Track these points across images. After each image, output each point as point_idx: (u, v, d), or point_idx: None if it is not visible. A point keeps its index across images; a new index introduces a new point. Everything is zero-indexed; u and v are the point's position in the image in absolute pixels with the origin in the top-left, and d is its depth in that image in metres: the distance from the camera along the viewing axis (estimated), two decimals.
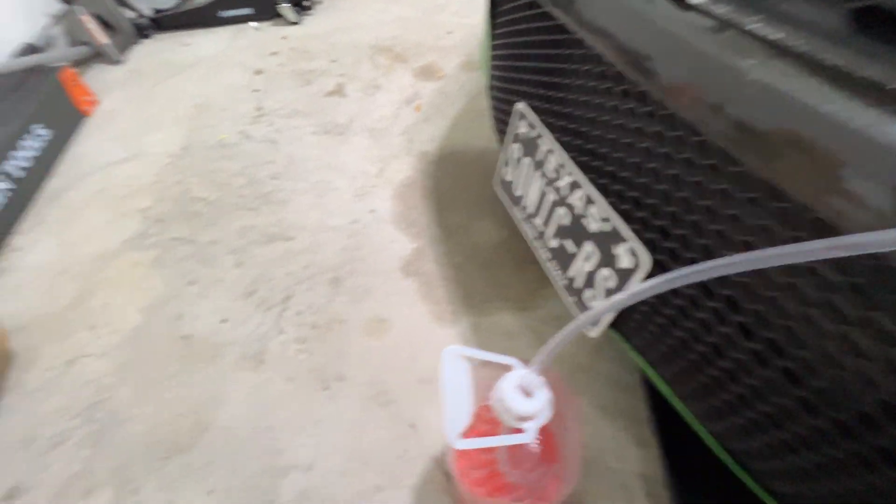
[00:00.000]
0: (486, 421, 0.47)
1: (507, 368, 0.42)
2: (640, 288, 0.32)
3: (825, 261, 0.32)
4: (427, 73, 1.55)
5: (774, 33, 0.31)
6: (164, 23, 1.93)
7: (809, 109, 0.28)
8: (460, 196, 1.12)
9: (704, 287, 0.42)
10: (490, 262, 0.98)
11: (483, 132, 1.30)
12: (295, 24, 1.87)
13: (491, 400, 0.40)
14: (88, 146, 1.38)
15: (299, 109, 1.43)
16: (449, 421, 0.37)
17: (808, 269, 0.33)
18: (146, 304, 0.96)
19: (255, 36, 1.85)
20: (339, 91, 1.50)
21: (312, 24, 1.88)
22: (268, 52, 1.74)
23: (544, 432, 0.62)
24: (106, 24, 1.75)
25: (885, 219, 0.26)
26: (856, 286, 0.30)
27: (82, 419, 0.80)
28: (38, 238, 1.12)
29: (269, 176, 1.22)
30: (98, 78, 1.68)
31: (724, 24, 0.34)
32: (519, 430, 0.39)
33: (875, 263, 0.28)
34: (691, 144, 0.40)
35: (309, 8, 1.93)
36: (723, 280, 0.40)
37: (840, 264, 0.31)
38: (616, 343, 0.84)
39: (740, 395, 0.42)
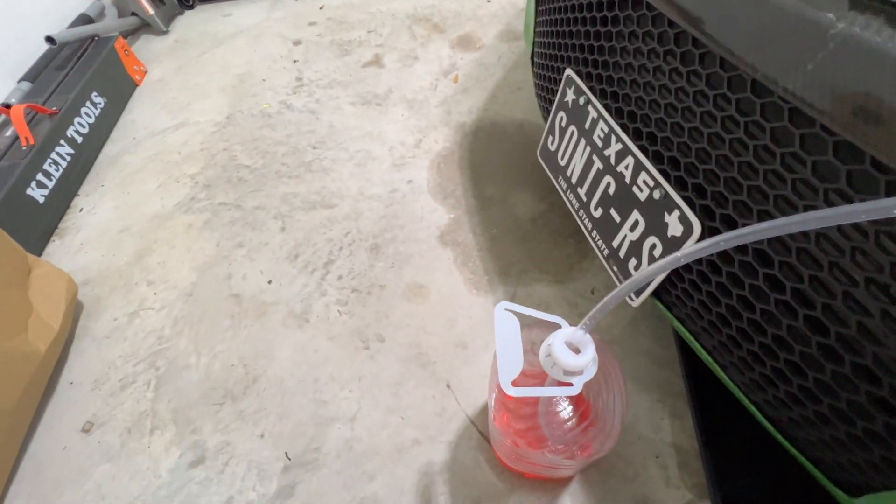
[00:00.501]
0: (530, 376, 0.49)
1: (554, 327, 0.43)
2: (697, 247, 0.32)
3: (886, 231, 0.31)
4: (465, 43, 1.53)
5: None
6: None
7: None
8: (498, 168, 1.12)
9: (761, 255, 0.42)
10: (527, 235, 0.98)
11: (522, 104, 1.28)
12: None
13: (540, 354, 0.41)
14: (140, 114, 1.45)
15: (338, 80, 1.45)
16: (502, 370, 0.38)
17: (872, 235, 0.33)
18: (199, 264, 1.02)
19: (292, 6, 1.86)
20: (377, 62, 1.50)
21: None
22: (306, 22, 1.74)
23: (580, 395, 0.64)
24: None
25: None
26: None
27: (146, 365, 0.87)
28: (98, 200, 1.20)
29: (310, 145, 1.24)
30: (146, 48, 1.73)
31: None
32: (566, 384, 0.40)
33: None
34: (758, 106, 0.39)
35: None
36: (783, 247, 0.40)
37: None
38: (651, 316, 0.84)
39: (785, 366, 0.42)
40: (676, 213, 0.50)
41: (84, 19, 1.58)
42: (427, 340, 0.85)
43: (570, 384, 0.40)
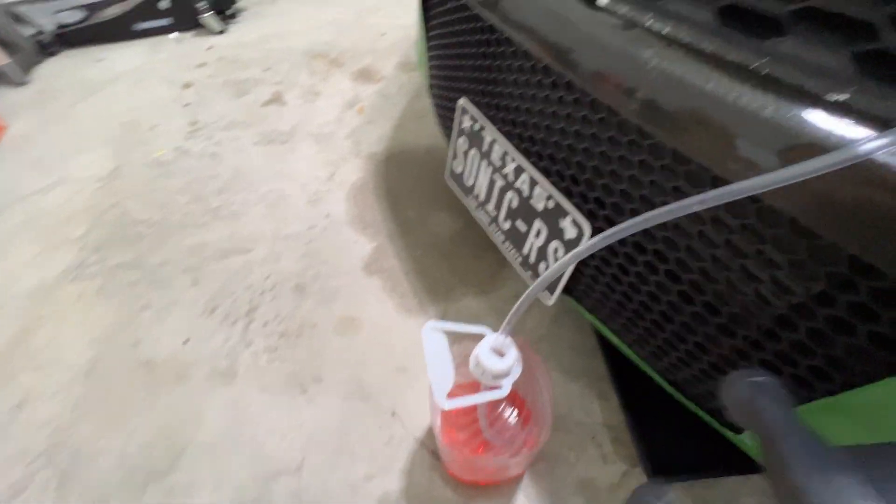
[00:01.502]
0: (465, 388, 0.52)
1: (481, 337, 0.47)
2: (579, 249, 0.38)
3: (724, 208, 0.40)
4: (365, 75, 1.57)
5: (664, 28, 0.38)
6: (70, 38, 1.79)
7: (697, 88, 0.36)
8: (413, 192, 1.16)
9: (636, 245, 0.50)
10: (449, 252, 1.03)
11: (428, 129, 1.34)
12: (220, 33, 1.81)
13: (470, 365, 0.44)
14: (2, 175, 1.27)
15: (238, 120, 1.40)
16: (435, 386, 0.41)
17: (713, 218, 0.41)
18: (96, 336, 0.91)
19: (176, 48, 1.77)
20: (277, 99, 1.48)
21: (240, 32, 1.83)
22: (194, 63, 1.67)
23: (514, 394, 0.69)
24: (3, 44, 1.59)
25: (759, 169, 0.33)
26: (746, 226, 0.38)
27: (42, 463, 0.75)
28: None
29: (215, 190, 1.19)
30: (2, 102, 1.53)
31: (626, 22, 0.41)
32: (496, 387, 0.44)
33: (756, 206, 0.36)
34: (613, 124, 0.47)
35: (234, 17, 1.87)
36: (650, 237, 0.48)
37: (733, 210, 0.38)
38: (571, 312, 0.92)
39: (673, 333, 0.50)
40: (569, 218, 0.57)
41: None
42: (366, 372, 0.84)
43: (500, 387, 0.43)
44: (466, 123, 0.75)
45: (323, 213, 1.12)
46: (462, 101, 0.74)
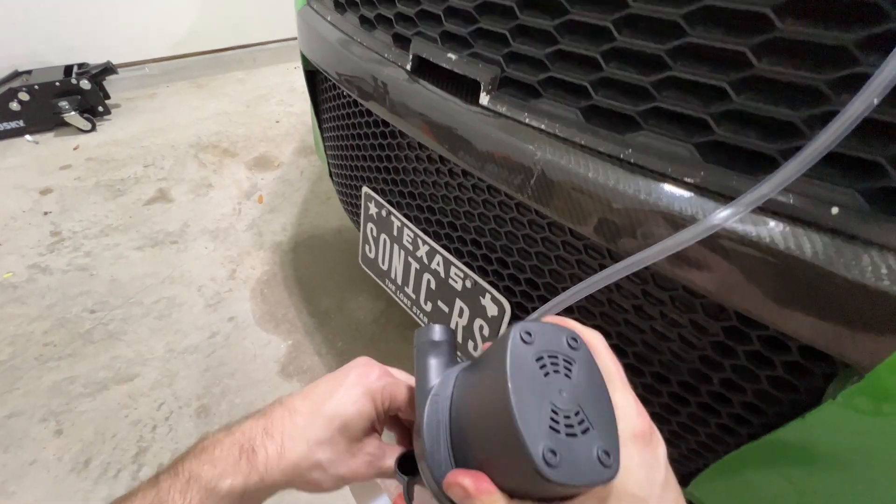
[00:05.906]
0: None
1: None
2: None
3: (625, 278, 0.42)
4: (262, 163, 1.53)
5: (541, 124, 0.41)
6: None
7: (579, 172, 0.39)
8: (327, 279, 1.10)
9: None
10: (374, 337, 0.97)
11: (334, 212, 1.32)
12: (88, 131, 1.66)
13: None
14: None
15: (113, 224, 1.25)
16: None
17: (618, 286, 0.44)
18: None
19: (32, 151, 1.57)
20: (162, 197, 1.36)
21: (113, 129, 1.69)
22: (56, 166, 1.49)
23: None
24: None
25: (643, 242, 0.36)
26: (646, 291, 0.41)
27: None
28: None
29: (85, 310, 1.01)
30: None
31: (505, 117, 0.44)
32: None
33: (646, 272, 0.39)
34: (512, 207, 0.49)
35: (105, 113, 1.73)
36: (569, 310, 0.49)
37: (629, 277, 0.41)
38: None
39: None
40: (488, 296, 0.57)
41: None
42: (296, 498, 0.72)
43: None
44: (373, 209, 0.75)
45: (225, 316, 1.00)
46: (366, 189, 0.74)
